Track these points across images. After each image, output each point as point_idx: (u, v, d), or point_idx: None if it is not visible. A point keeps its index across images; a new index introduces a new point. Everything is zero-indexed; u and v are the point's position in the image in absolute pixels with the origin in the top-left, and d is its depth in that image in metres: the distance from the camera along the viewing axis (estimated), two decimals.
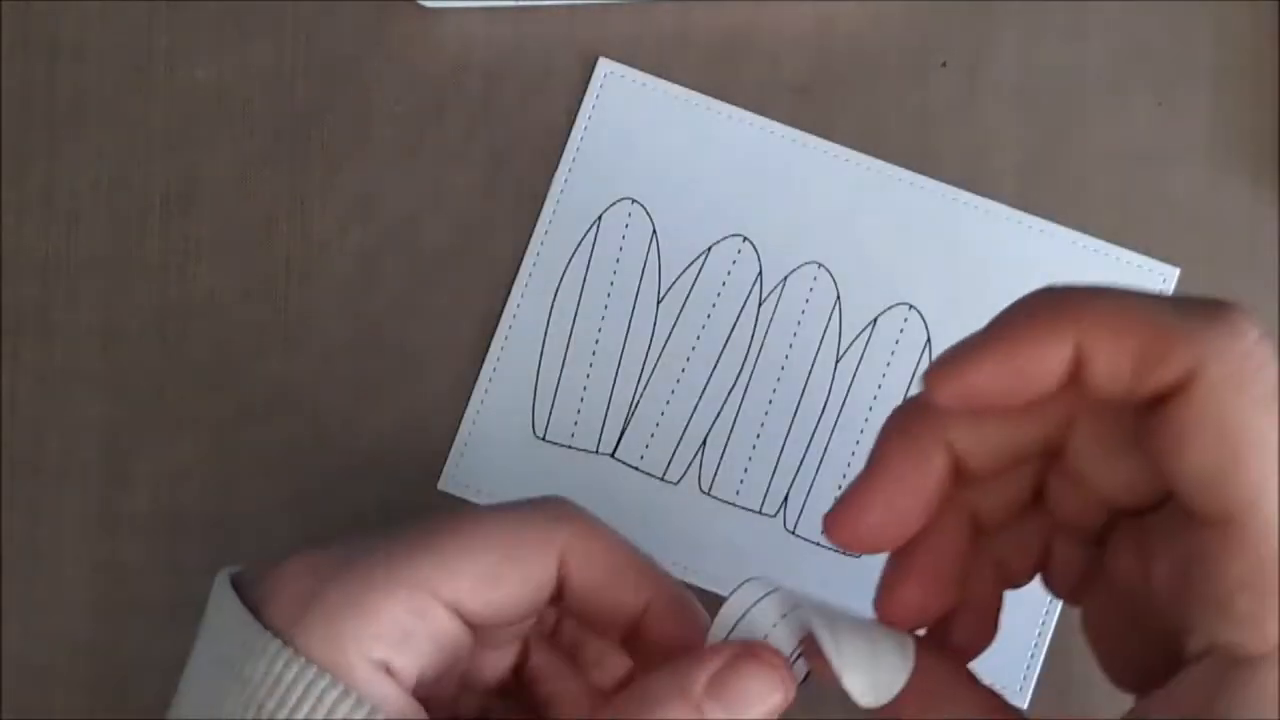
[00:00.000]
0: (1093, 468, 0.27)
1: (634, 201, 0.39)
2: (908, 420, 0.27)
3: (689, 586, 0.36)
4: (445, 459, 0.39)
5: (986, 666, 0.37)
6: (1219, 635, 0.24)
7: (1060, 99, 0.39)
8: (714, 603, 0.29)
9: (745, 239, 0.39)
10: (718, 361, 0.38)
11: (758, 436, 0.38)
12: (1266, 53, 0.39)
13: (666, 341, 0.39)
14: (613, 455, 0.38)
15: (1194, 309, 0.25)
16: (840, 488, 0.38)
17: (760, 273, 0.39)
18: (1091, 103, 0.39)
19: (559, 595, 0.30)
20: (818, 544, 0.38)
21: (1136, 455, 0.26)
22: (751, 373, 0.38)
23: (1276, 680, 0.24)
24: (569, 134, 0.39)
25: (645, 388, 0.38)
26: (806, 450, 0.38)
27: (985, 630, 0.30)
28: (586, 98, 0.39)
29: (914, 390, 0.38)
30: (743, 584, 0.28)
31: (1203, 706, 0.24)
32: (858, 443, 0.38)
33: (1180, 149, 0.39)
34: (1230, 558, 0.24)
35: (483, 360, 0.39)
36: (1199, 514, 0.24)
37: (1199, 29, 0.40)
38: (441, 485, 0.39)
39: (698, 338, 0.39)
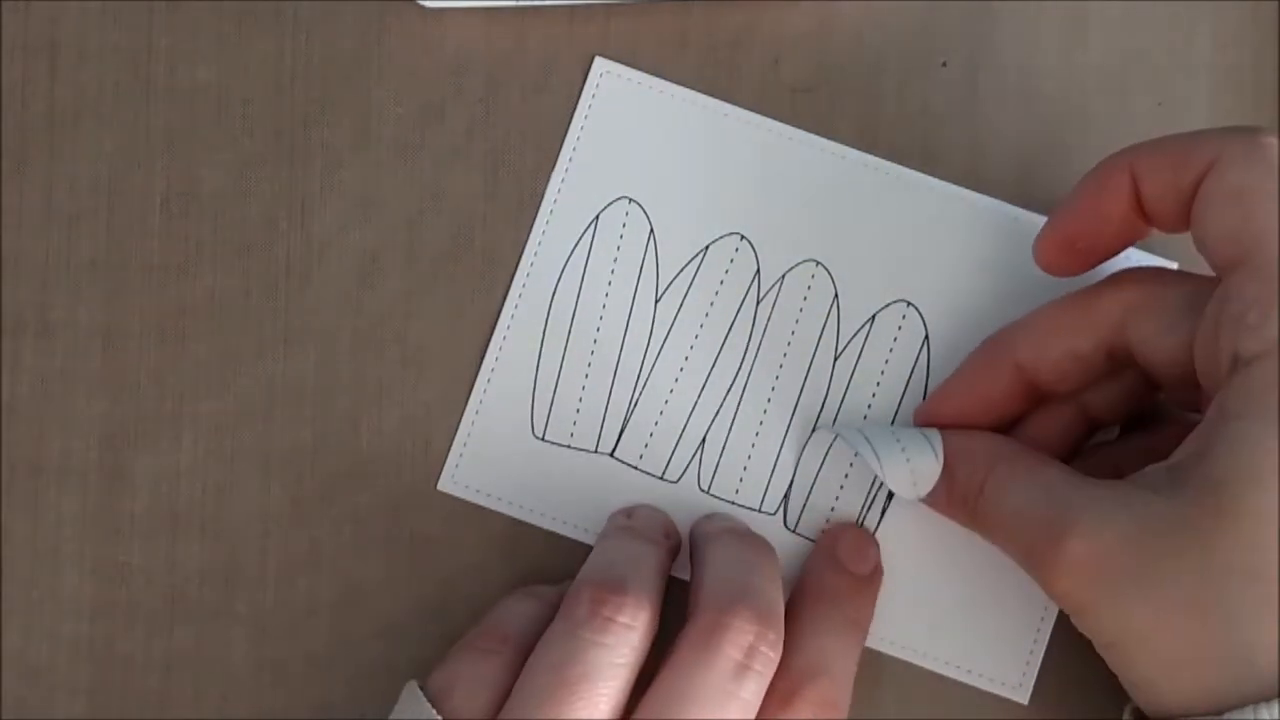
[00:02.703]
0: (1150, 351, 0.33)
1: (631, 200, 0.39)
2: (987, 345, 0.36)
3: (688, 583, 0.36)
4: (444, 459, 0.39)
5: (987, 666, 0.37)
6: (1235, 347, 0.30)
7: (1060, 99, 0.39)
8: None
9: (743, 237, 0.39)
10: (716, 360, 0.38)
11: (756, 435, 0.38)
12: (1266, 53, 0.39)
13: (665, 340, 0.39)
14: (612, 454, 0.38)
15: (1220, 128, 0.32)
16: (842, 486, 0.38)
17: (758, 271, 0.39)
18: (1091, 103, 0.39)
19: None
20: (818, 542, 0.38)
21: (1181, 332, 0.32)
22: (750, 371, 0.38)
23: (1263, 371, 0.29)
24: (566, 133, 0.39)
25: (644, 386, 0.38)
26: (805, 448, 0.38)
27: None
28: (583, 97, 0.39)
29: (914, 387, 0.38)
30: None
31: (1215, 410, 0.30)
32: None
33: None
34: (1244, 284, 0.30)
35: (481, 360, 0.39)
36: (1224, 264, 0.31)
37: (1199, 29, 0.40)
38: (441, 485, 0.39)
39: (696, 336, 0.39)
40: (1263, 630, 0.29)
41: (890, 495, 0.38)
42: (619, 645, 0.32)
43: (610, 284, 0.39)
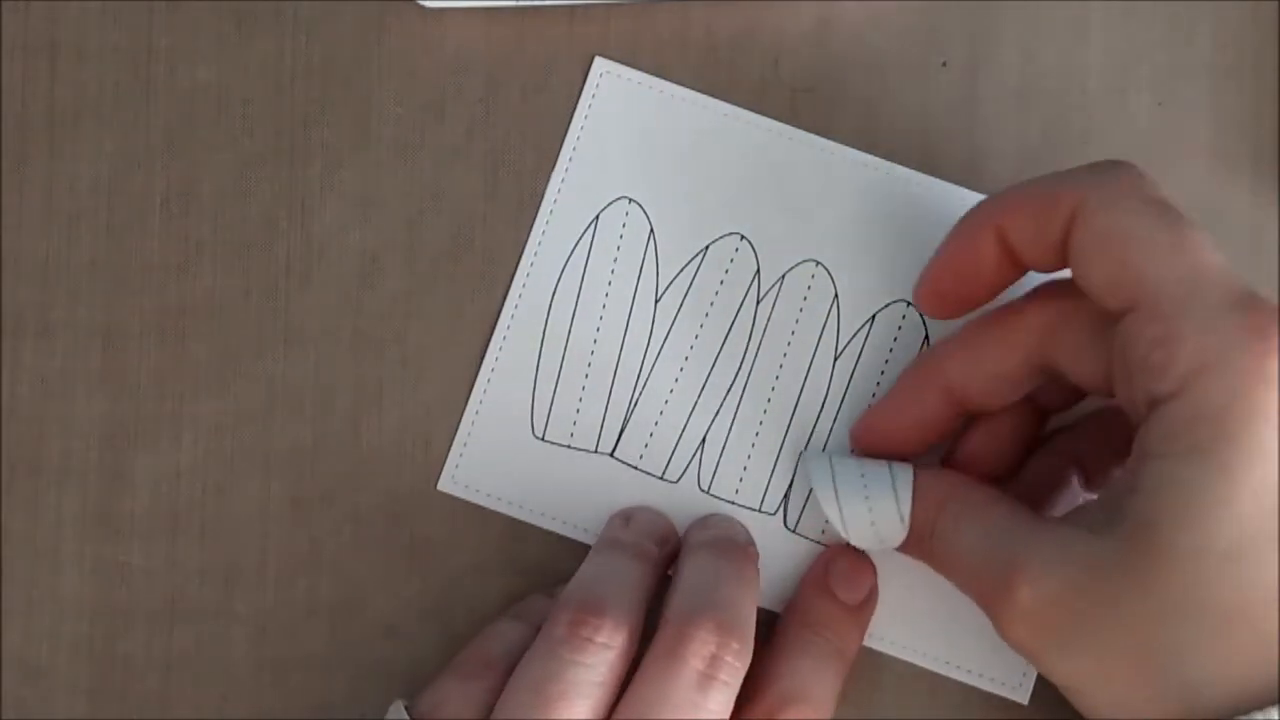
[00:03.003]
0: (1071, 368, 0.33)
1: (631, 200, 0.39)
2: (917, 367, 0.36)
3: None
4: (444, 459, 0.39)
5: (987, 666, 0.37)
6: (1147, 389, 0.30)
7: (1060, 99, 0.39)
8: None
9: (743, 237, 0.39)
10: (716, 360, 0.38)
11: (756, 435, 0.38)
12: (1266, 53, 0.39)
13: (664, 340, 0.39)
14: (612, 454, 0.38)
15: (1081, 169, 0.32)
16: None
17: (758, 271, 0.39)
18: (1091, 103, 0.39)
19: None
20: (818, 542, 0.38)
21: (1098, 350, 0.32)
22: (750, 371, 0.38)
23: (1178, 410, 0.29)
24: (566, 133, 0.39)
25: (644, 387, 0.38)
26: (805, 448, 0.38)
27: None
28: (583, 97, 0.39)
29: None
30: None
31: (1138, 447, 0.30)
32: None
33: (1180, 149, 0.39)
34: (1141, 328, 0.30)
35: (481, 360, 0.39)
36: (1115, 309, 0.30)
37: (1199, 29, 0.39)
38: (441, 485, 0.39)
39: (696, 336, 0.39)
40: (1206, 666, 0.29)
41: None
42: (597, 664, 0.32)
43: (610, 284, 0.39)
